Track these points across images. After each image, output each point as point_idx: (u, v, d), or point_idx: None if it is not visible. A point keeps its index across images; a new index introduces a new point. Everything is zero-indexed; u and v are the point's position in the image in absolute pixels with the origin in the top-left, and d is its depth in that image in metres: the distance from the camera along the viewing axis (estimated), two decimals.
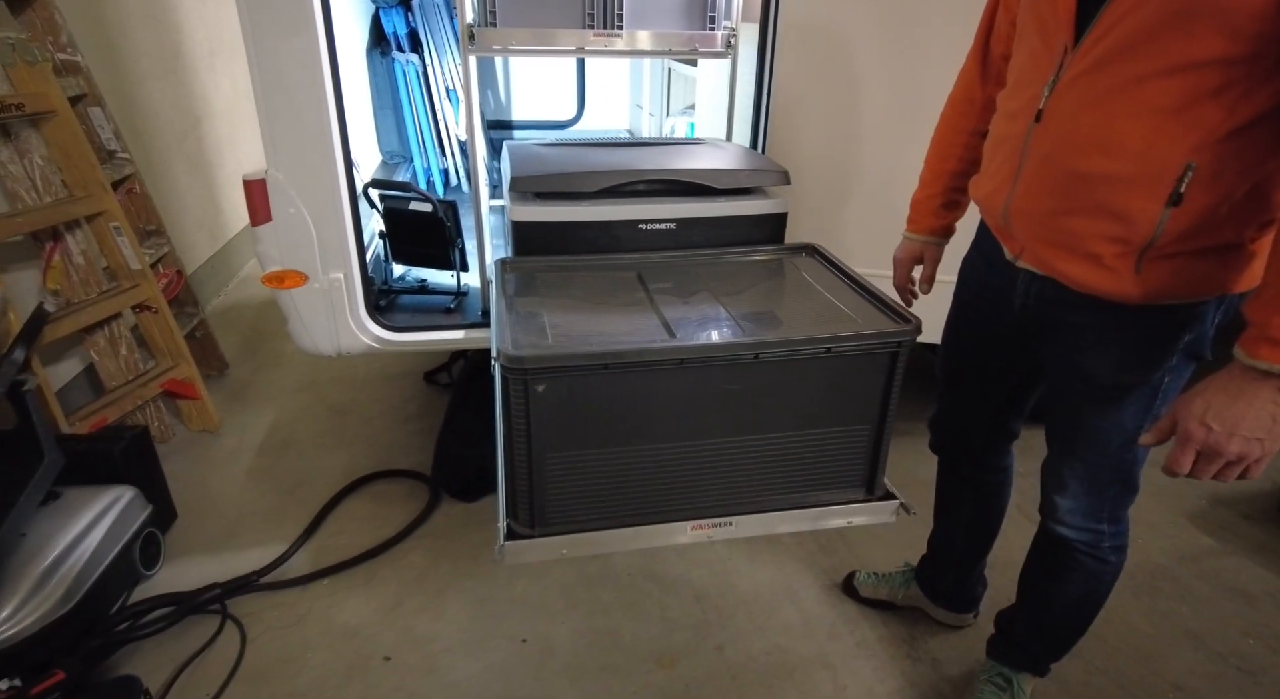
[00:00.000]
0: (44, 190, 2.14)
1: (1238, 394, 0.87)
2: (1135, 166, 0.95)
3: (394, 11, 3.09)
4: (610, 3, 1.87)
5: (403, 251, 2.25)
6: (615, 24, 1.87)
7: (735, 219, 1.45)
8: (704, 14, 1.94)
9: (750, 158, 1.56)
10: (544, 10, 1.86)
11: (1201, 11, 0.85)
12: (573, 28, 1.87)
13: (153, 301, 2.36)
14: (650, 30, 1.87)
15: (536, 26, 1.84)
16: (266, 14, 1.60)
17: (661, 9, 1.91)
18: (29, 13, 2.24)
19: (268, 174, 1.76)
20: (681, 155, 1.60)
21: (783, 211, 1.47)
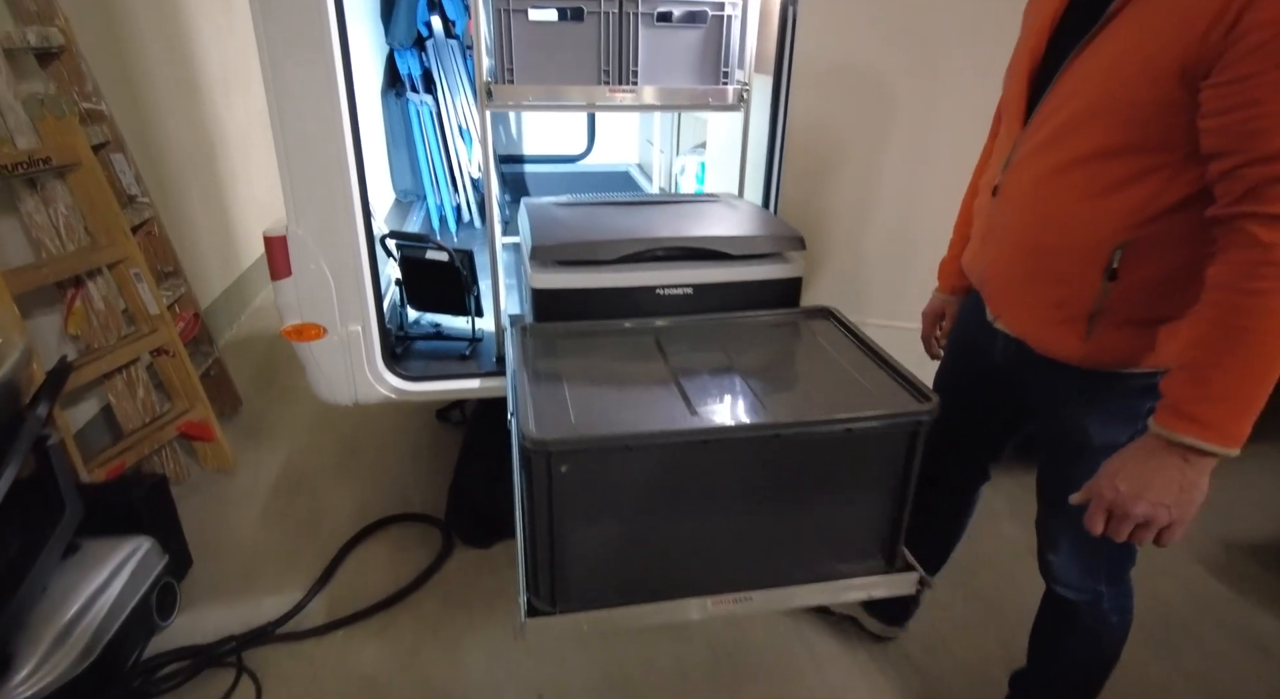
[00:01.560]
0: (67, 238, 2.17)
1: (1148, 459, 0.92)
2: (1074, 241, 1.03)
3: (408, 52, 3.14)
4: (625, 59, 1.91)
5: (419, 298, 2.27)
6: (630, 79, 1.90)
7: (751, 284, 1.47)
8: (717, 68, 1.97)
9: (765, 221, 1.58)
10: (560, 67, 1.89)
11: (1114, 107, 0.95)
12: (588, 83, 1.90)
13: (170, 345, 2.39)
14: (663, 86, 1.90)
15: (553, 83, 1.88)
16: (293, 85, 1.64)
17: (674, 63, 1.94)
18: (56, 64, 2.29)
19: (289, 230, 1.78)
20: (697, 217, 1.62)
21: (798, 276, 1.49)
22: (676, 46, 1.94)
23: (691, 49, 1.95)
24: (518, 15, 1.81)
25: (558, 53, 1.89)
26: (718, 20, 1.93)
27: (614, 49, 1.90)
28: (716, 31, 1.94)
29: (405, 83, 3.16)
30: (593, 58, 1.88)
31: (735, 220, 1.62)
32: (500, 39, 1.82)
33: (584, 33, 1.87)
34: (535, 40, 1.86)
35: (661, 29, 1.92)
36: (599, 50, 1.89)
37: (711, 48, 1.96)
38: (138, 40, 2.90)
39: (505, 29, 1.82)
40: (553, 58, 1.89)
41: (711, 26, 1.94)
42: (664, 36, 1.92)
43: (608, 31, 1.88)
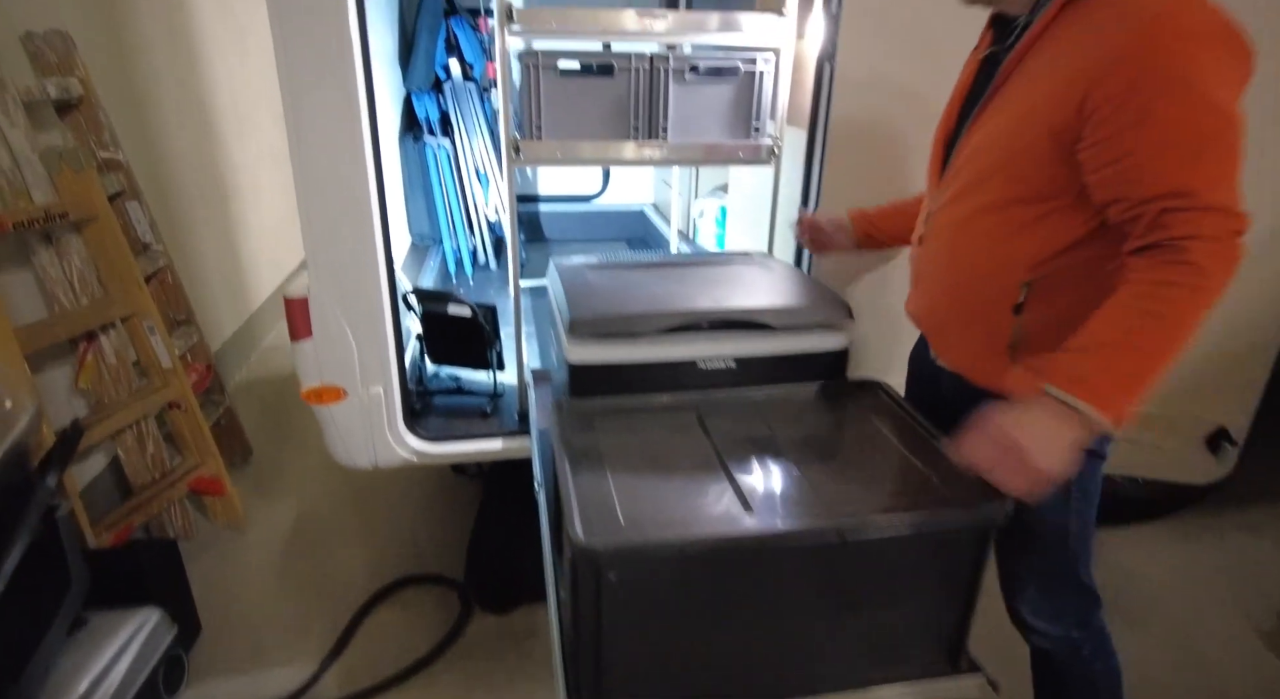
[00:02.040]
0: (81, 291, 2.12)
1: (1034, 409, 0.98)
2: (986, 282, 1.16)
3: (426, 96, 3.12)
4: (655, 113, 1.87)
5: (439, 353, 2.21)
6: (660, 134, 1.86)
7: (796, 357, 1.40)
8: (748, 122, 1.94)
9: (808, 288, 1.52)
10: (589, 121, 1.85)
11: (1007, 162, 1.10)
12: (617, 138, 1.87)
13: (182, 399, 2.33)
14: (693, 141, 1.86)
15: (581, 138, 1.84)
16: (317, 144, 1.59)
17: (705, 118, 1.90)
18: (75, 114, 2.26)
19: (310, 291, 1.73)
20: (735, 283, 1.56)
21: (844, 347, 1.43)
22: (707, 101, 1.90)
23: (722, 103, 1.92)
24: (547, 71, 1.78)
25: (586, 108, 1.85)
26: (749, 76, 1.89)
27: (644, 104, 1.87)
28: (748, 86, 1.90)
29: (423, 126, 3.13)
30: (622, 113, 1.85)
31: (776, 287, 1.56)
32: (529, 95, 1.78)
33: (613, 88, 1.84)
34: (564, 95, 1.83)
35: (692, 84, 1.88)
36: (629, 105, 1.85)
37: (743, 102, 1.92)
38: (152, 82, 2.88)
39: (534, 84, 1.78)
40: (581, 113, 1.85)
41: (742, 81, 1.90)
42: (694, 91, 1.89)
43: (637, 86, 1.85)
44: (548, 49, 1.81)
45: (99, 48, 2.48)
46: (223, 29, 3.50)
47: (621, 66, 1.83)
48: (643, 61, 1.84)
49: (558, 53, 1.79)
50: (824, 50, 1.81)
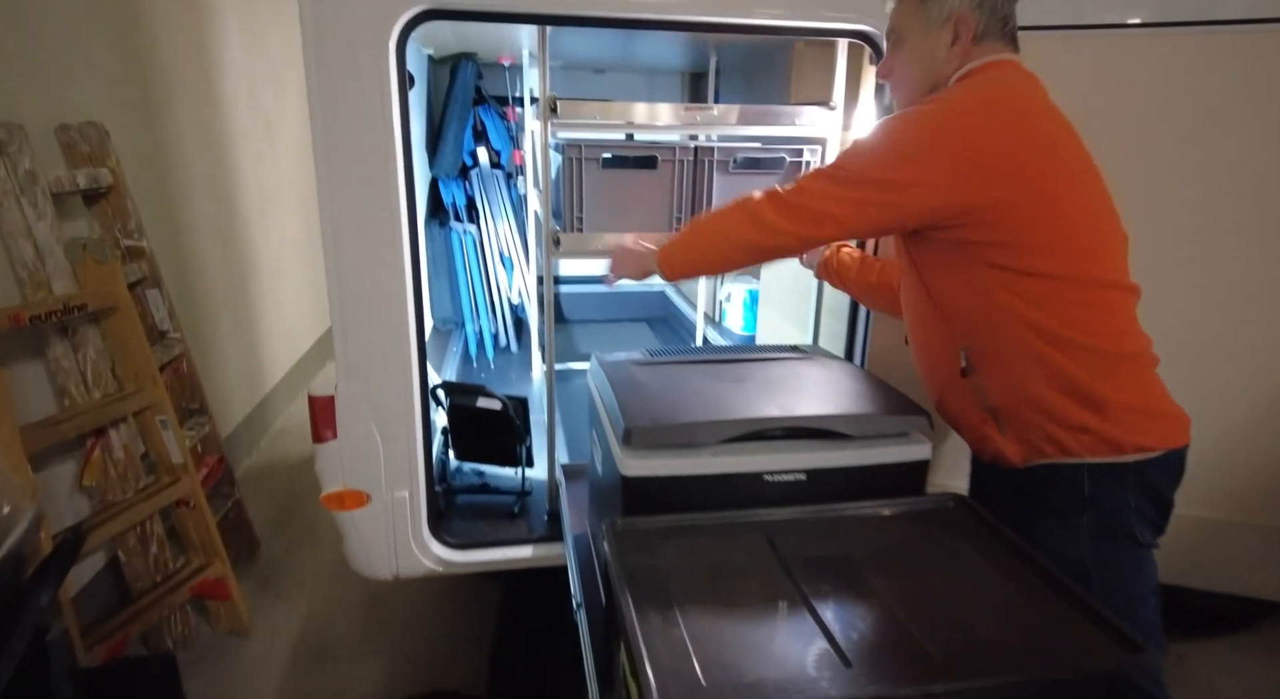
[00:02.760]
0: (94, 384, 2.03)
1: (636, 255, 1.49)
2: (931, 354, 1.36)
3: (453, 182, 3.12)
4: (699, 205, 1.82)
5: (466, 449, 2.10)
6: None
7: (873, 469, 1.28)
8: None
9: (880, 391, 1.41)
10: (630, 213, 1.81)
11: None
12: (659, 230, 1.81)
13: (192, 497, 2.20)
14: None
15: (623, 231, 1.77)
16: (353, 239, 1.53)
17: None
18: (103, 203, 2.23)
19: (338, 389, 1.63)
20: (797, 385, 1.45)
21: (925, 458, 1.30)
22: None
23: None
24: (588, 163, 1.74)
25: (627, 199, 1.81)
26: (795, 166, 1.85)
27: (687, 196, 1.83)
28: (794, 177, 1.86)
29: (449, 212, 3.12)
30: (664, 205, 1.81)
31: (844, 389, 1.45)
32: (570, 186, 1.74)
33: (656, 180, 1.80)
34: (604, 187, 1.79)
35: (736, 175, 1.84)
36: (671, 197, 1.81)
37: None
38: (181, 168, 2.88)
39: (575, 176, 1.74)
40: (622, 204, 1.81)
41: (788, 172, 1.86)
42: (739, 183, 1.85)
43: (681, 179, 1.81)
44: (591, 140, 1.78)
45: (130, 135, 2.48)
46: (250, 116, 3.55)
47: (664, 158, 1.79)
48: (686, 153, 1.80)
49: (601, 144, 1.75)
50: None
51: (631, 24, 1.51)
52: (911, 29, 1.28)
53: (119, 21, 2.48)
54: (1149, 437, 1.21)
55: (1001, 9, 1.25)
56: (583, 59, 3.23)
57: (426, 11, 1.46)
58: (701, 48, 2.83)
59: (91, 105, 2.26)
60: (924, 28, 1.26)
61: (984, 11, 1.23)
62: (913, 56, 1.29)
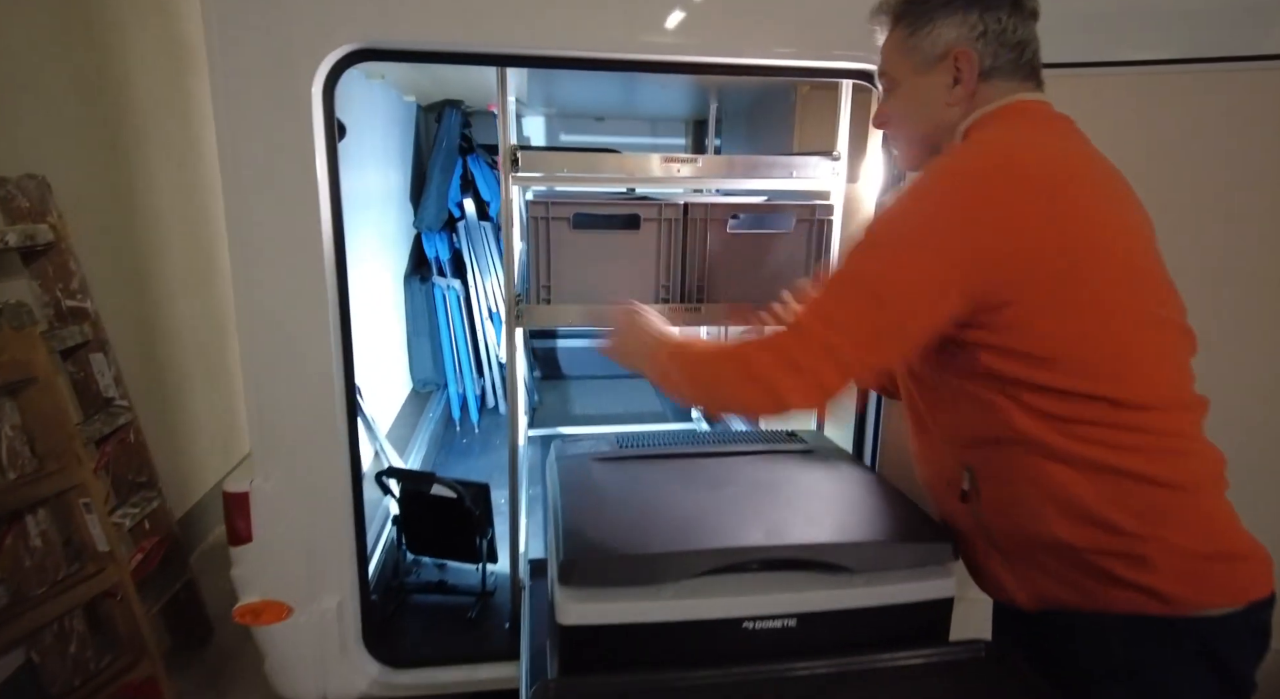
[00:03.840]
0: (10, 465, 1.81)
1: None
2: (929, 468, 1.09)
3: (437, 236, 2.94)
4: (690, 273, 1.59)
5: (420, 541, 1.84)
6: (695, 296, 1.57)
7: (883, 611, 1.00)
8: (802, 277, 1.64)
9: (892, 504, 1.14)
10: (609, 282, 1.58)
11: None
12: (643, 300, 1.57)
13: (119, 588, 1.95)
14: (736, 303, 1.57)
15: (599, 301, 1.54)
16: (270, 312, 1.31)
17: (751, 276, 1.61)
18: (43, 261, 2.06)
19: (253, 484, 1.39)
20: (789, 492, 1.19)
21: (948, 596, 1.03)
22: (754, 257, 1.62)
23: (774, 259, 1.63)
24: (558, 223, 1.51)
25: (605, 266, 1.58)
26: (805, 227, 1.61)
27: (676, 262, 1.59)
28: (803, 239, 1.62)
29: (432, 266, 2.93)
30: (649, 272, 1.58)
31: (847, 502, 1.18)
32: (537, 250, 1.51)
33: (639, 242, 1.57)
34: (578, 251, 1.56)
35: (736, 237, 1.60)
36: (658, 263, 1.58)
37: (796, 257, 1.63)
38: (153, 220, 2.74)
39: (542, 239, 1.51)
40: (599, 271, 1.58)
41: (797, 233, 1.62)
42: (739, 245, 1.61)
43: (670, 241, 1.58)
44: (562, 196, 1.57)
45: (93, 185, 2.34)
46: None
47: (648, 217, 1.56)
48: (674, 211, 1.58)
49: (571, 199, 1.53)
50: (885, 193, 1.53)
51: (586, 64, 1.31)
52: (901, 69, 1.03)
53: (85, 64, 2.36)
54: (1210, 589, 0.91)
55: (1012, 36, 0.98)
56: (580, 106, 3.08)
57: (359, 51, 1.26)
58: (703, 93, 2.65)
59: (41, 155, 2.11)
60: (915, 67, 1.01)
61: (989, 42, 0.97)
62: (908, 103, 1.03)
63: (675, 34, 1.33)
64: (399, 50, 1.29)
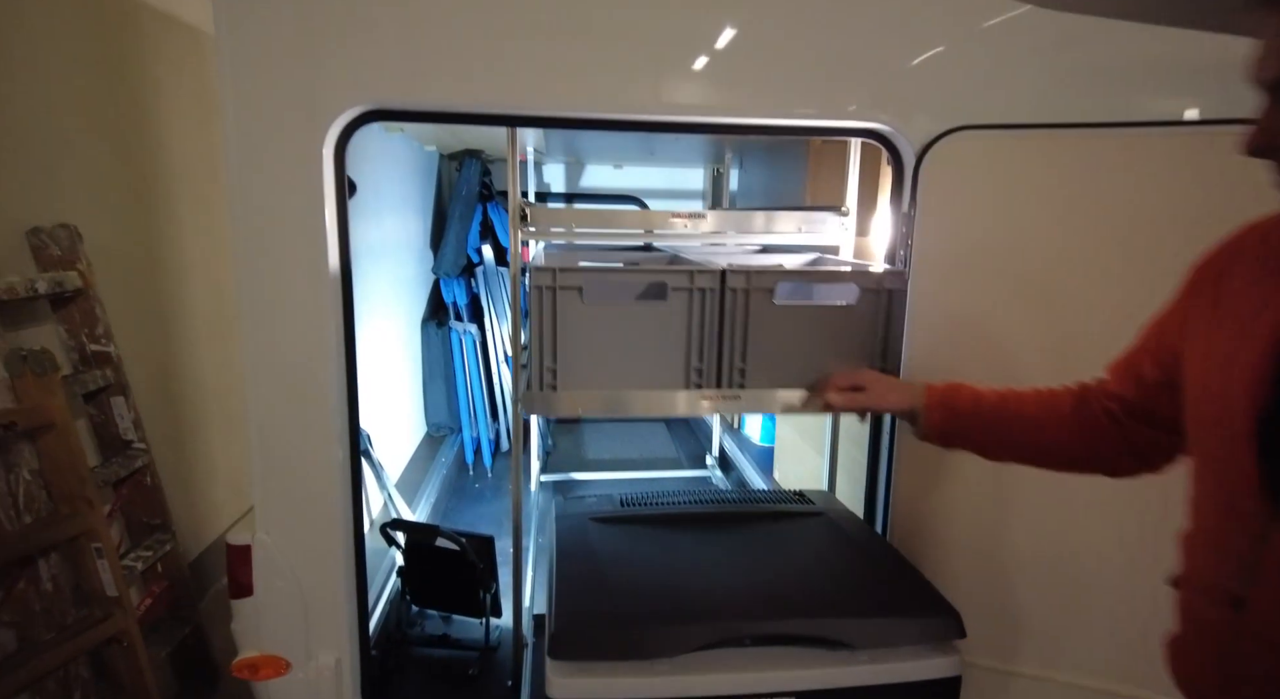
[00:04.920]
0: (26, 508, 1.84)
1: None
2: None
3: (455, 281, 2.97)
4: (729, 352, 1.35)
5: (423, 594, 1.82)
6: (734, 380, 1.37)
7: (885, 690, 0.96)
8: (864, 356, 1.42)
9: (898, 574, 1.11)
10: (630, 362, 1.35)
11: None
12: (669, 386, 1.37)
13: (125, 635, 1.95)
14: (782, 388, 1.38)
15: (618, 386, 1.35)
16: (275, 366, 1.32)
17: (800, 355, 1.38)
18: (70, 307, 2.12)
19: (255, 538, 1.39)
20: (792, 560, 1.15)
21: (955, 674, 0.98)
22: (807, 333, 1.37)
23: (831, 336, 1.38)
24: (567, 294, 1.28)
25: (626, 345, 1.34)
26: (871, 298, 1.37)
27: (711, 339, 1.34)
28: (868, 312, 1.37)
29: (449, 311, 2.96)
30: (679, 351, 1.34)
31: (854, 572, 1.14)
32: (540, 329, 1.29)
33: (667, 317, 1.33)
34: (593, 328, 1.32)
35: (785, 309, 1.36)
36: (689, 341, 1.34)
37: (858, 334, 1.38)
38: (178, 268, 2.81)
39: (547, 315, 1.29)
40: (619, 350, 1.34)
41: (860, 306, 1.37)
42: (788, 320, 1.36)
43: (704, 315, 1.33)
44: (571, 260, 1.53)
45: (122, 234, 2.41)
46: None
47: (678, 285, 1.31)
48: (709, 278, 1.32)
49: (583, 269, 1.33)
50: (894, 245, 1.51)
51: (596, 125, 1.32)
52: None
53: (120, 118, 2.45)
54: None
55: None
56: (598, 154, 3.13)
57: (370, 112, 1.29)
58: (719, 140, 2.68)
59: (74, 204, 2.19)
60: None
61: None
62: None
63: (689, 96, 1.34)
64: (410, 111, 1.32)
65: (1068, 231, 1.35)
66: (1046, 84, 1.37)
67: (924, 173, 1.38)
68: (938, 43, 1.35)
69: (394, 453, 2.50)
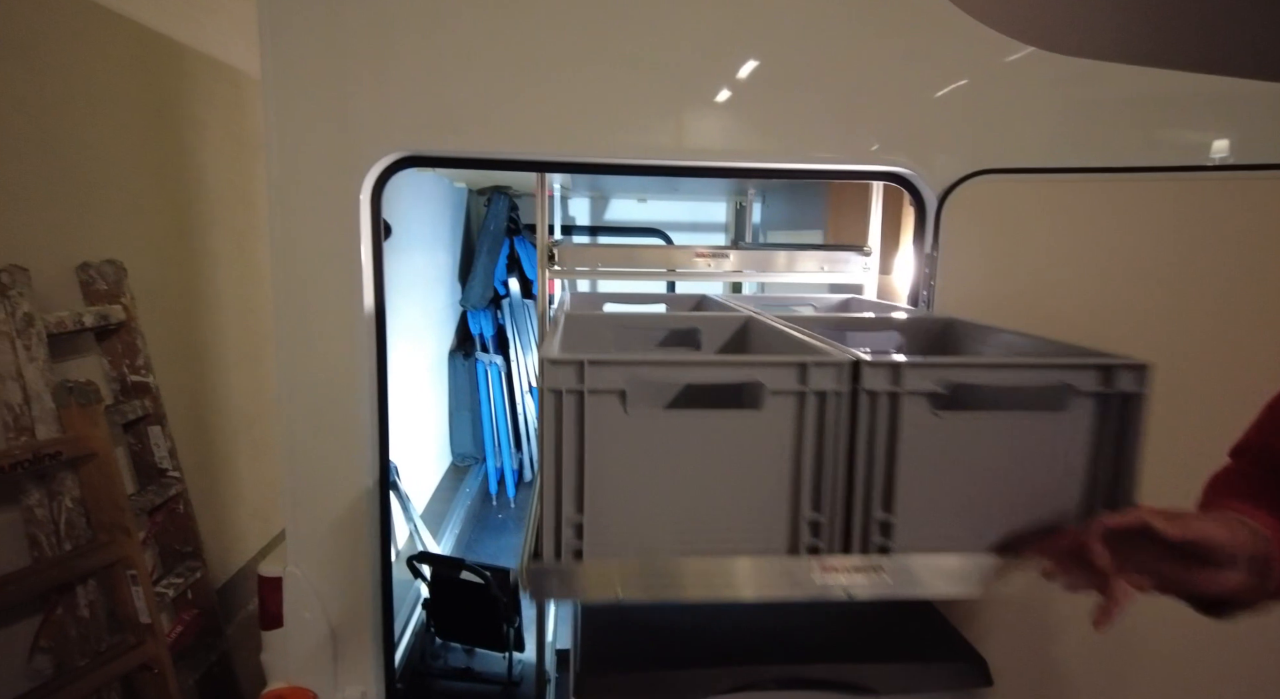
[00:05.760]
0: (66, 535, 1.89)
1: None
2: None
3: (482, 313, 3.03)
4: (865, 496, 0.87)
5: (448, 627, 1.83)
6: (873, 543, 0.90)
7: None
8: (1072, 495, 0.86)
9: (924, 622, 1.11)
10: (695, 517, 0.88)
11: None
12: (767, 550, 0.88)
13: (156, 661, 1.99)
14: (954, 554, 0.90)
15: (676, 552, 0.88)
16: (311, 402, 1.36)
17: (975, 499, 0.73)
18: (113, 339, 2.19)
19: (286, 570, 1.42)
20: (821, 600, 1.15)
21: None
22: (986, 462, 0.88)
23: (1026, 464, 0.88)
24: (600, 400, 0.82)
25: (695, 478, 0.86)
26: (1090, 404, 0.87)
27: (836, 475, 0.87)
28: (1087, 424, 0.87)
29: (476, 342, 3.01)
30: (780, 493, 0.87)
31: (877, 612, 1.15)
32: (559, 457, 0.83)
33: (760, 436, 0.86)
34: (639, 454, 0.85)
35: (956, 423, 0.87)
36: (797, 477, 0.87)
37: (1070, 459, 0.88)
38: (213, 298, 2.89)
39: (570, 435, 0.83)
40: (683, 490, 0.86)
41: (1074, 415, 0.87)
42: (956, 439, 0.87)
43: (820, 433, 0.86)
44: (611, 347, 1.11)
45: (161, 267, 2.50)
46: None
47: (779, 387, 0.84)
48: (829, 376, 0.85)
49: (625, 361, 0.82)
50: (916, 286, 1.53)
51: (624, 170, 1.37)
52: None
53: (164, 158, 2.55)
54: None
55: None
56: (623, 189, 3.18)
57: (405, 158, 1.35)
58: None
59: (120, 241, 2.28)
60: None
61: None
62: None
63: (712, 142, 1.38)
64: (443, 157, 1.37)
65: (1090, 276, 1.36)
66: (1067, 128, 1.38)
67: (946, 216, 1.40)
68: (958, 88, 1.38)
69: (420, 483, 2.53)
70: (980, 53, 1.36)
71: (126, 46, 2.32)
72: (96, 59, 2.19)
